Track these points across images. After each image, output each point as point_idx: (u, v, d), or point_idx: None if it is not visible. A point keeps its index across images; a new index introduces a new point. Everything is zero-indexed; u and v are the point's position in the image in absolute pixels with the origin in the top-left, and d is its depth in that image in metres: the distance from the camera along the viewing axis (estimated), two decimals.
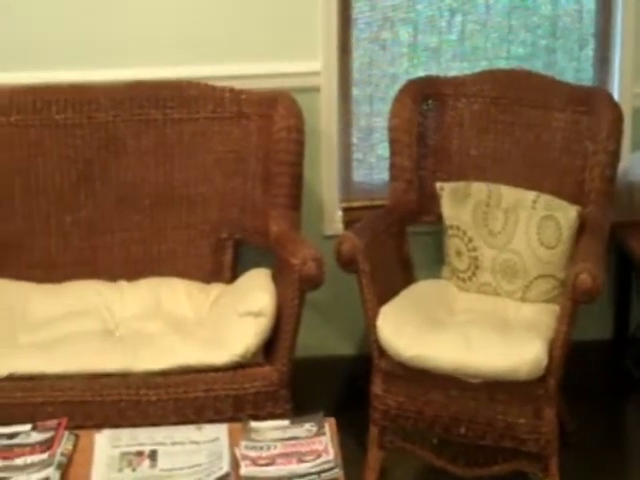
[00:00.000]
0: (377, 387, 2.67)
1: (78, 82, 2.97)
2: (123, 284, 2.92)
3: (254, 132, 2.94)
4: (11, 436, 2.18)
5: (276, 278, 2.74)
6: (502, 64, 3.23)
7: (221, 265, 2.96)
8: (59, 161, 2.94)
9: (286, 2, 3.08)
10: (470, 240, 2.92)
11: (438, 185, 3.00)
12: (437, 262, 3.04)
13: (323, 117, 3.13)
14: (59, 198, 2.95)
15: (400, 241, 2.97)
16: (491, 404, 2.57)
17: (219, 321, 2.69)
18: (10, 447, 2.13)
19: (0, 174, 2.93)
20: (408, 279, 2.95)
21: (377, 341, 2.65)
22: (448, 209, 2.97)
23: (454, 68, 3.22)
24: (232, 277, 2.95)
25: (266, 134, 2.91)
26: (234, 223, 2.96)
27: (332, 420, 2.23)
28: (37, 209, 2.94)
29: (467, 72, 3.13)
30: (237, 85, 2.97)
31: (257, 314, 2.59)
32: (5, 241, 2.94)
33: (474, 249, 2.91)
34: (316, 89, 3.12)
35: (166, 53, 3.06)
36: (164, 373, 2.54)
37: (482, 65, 3.19)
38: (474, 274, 2.92)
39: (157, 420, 2.46)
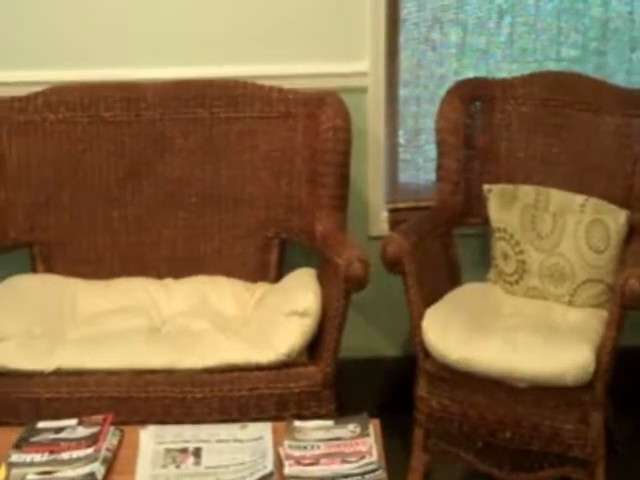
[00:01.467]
0: (422, 389, 2.65)
1: (126, 80, 2.98)
2: (169, 281, 2.94)
3: (301, 132, 2.94)
4: (58, 430, 2.19)
5: (321, 278, 2.74)
6: (552, 66, 3.19)
7: (267, 264, 2.96)
8: (107, 158, 2.96)
9: (335, 2, 3.06)
10: (517, 243, 2.89)
11: (485, 187, 2.98)
12: (483, 265, 3.02)
13: (370, 118, 3.12)
14: (106, 195, 2.97)
15: (446, 243, 2.95)
16: (537, 409, 2.55)
17: (264, 320, 2.69)
18: (56, 441, 2.15)
19: (49, 170, 2.95)
20: (454, 281, 2.93)
21: (422, 343, 2.64)
22: (495, 212, 2.95)
23: (503, 70, 3.19)
24: (277, 276, 2.95)
25: (313, 134, 2.90)
26: (280, 222, 2.96)
27: (376, 421, 2.22)
28: (85, 205, 2.97)
29: (516, 74, 3.10)
30: (284, 85, 2.96)
31: (302, 314, 2.59)
32: (53, 237, 2.96)
33: (521, 252, 2.89)
34: (363, 90, 3.10)
35: (214, 52, 3.06)
36: (209, 371, 2.54)
37: (531, 67, 3.16)
38: (521, 278, 2.89)
39: (201, 417, 2.47)
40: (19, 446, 2.13)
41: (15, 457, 2.08)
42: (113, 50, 3.04)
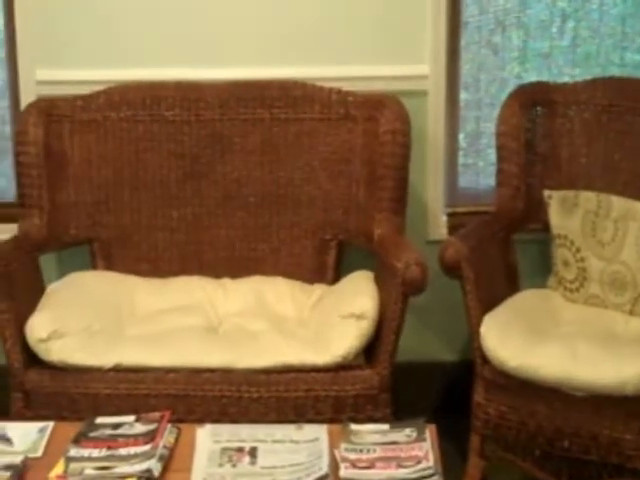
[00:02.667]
0: (479, 395, 2.62)
1: (187, 80, 3.00)
2: (227, 281, 2.95)
3: (360, 134, 2.93)
4: (115, 426, 2.21)
5: (379, 281, 2.73)
6: (615, 71, 3.15)
7: (324, 266, 2.96)
8: (167, 157, 2.98)
9: (396, 5, 3.06)
10: (578, 250, 2.86)
11: (546, 193, 2.95)
12: (543, 271, 2.99)
13: (430, 121, 3.10)
14: (166, 193, 2.99)
15: (505, 248, 2.91)
16: (596, 418, 2.50)
17: (321, 322, 2.69)
18: (114, 437, 2.16)
19: (110, 169, 2.98)
20: (513, 287, 2.89)
21: (480, 349, 2.61)
22: (556, 218, 2.91)
23: (565, 74, 3.16)
24: (335, 278, 2.94)
25: (372, 137, 2.90)
26: (338, 224, 2.96)
27: (433, 426, 2.20)
28: (144, 204, 2.99)
29: (579, 79, 3.07)
30: (344, 87, 2.96)
31: (359, 316, 2.58)
32: (113, 235, 2.99)
33: (582, 259, 2.85)
34: (423, 93, 3.09)
35: (274, 53, 3.07)
36: (266, 371, 2.55)
37: (594, 72, 3.12)
38: (582, 285, 2.85)
39: (257, 417, 2.47)
40: (78, 441, 2.14)
41: (73, 452, 2.10)
42: (175, 50, 3.07)
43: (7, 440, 2.20)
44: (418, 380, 3.06)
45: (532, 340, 2.58)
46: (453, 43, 3.12)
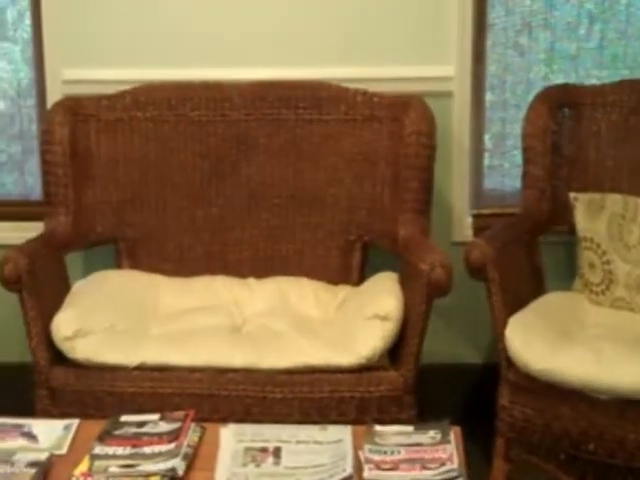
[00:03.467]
0: (504, 398, 2.61)
1: (213, 80, 3.01)
2: (251, 281, 2.95)
3: (385, 135, 2.93)
4: (140, 424, 2.21)
5: (403, 282, 2.72)
6: None
7: (349, 267, 2.96)
8: (192, 157, 2.99)
9: (421, 6, 3.05)
10: (604, 253, 2.84)
11: (572, 195, 2.93)
12: (568, 274, 2.97)
13: (455, 122, 3.09)
14: (191, 193, 3.00)
15: (531, 250, 2.90)
16: (621, 422, 2.48)
17: (345, 323, 2.68)
18: (139, 435, 2.16)
19: (135, 168, 3.00)
20: (538, 290, 2.87)
21: (505, 351, 2.60)
22: (582, 220, 2.89)
23: (593, 76, 3.13)
24: (359, 279, 2.94)
25: (397, 138, 2.89)
26: (362, 225, 2.95)
27: (457, 429, 2.19)
28: (170, 203, 3.00)
29: (606, 81, 3.05)
30: (369, 88, 2.95)
31: (384, 318, 2.57)
32: (139, 234, 3.00)
33: (608, 262, 2.83)
34: (449, 94, 3.08)
35: (300, 54, 3.08)
36: (290, 371, 2.54)
37: (622, 74, 3.10)
38: (607, 288, 2.83)
39: (281, 418, 2.46)
40: (102, 439, 2.15)
41: (98, 449, 2.11)
42: (201, 50, 3.07)
43: (32, 437, 2.21)
44: (442, 382, 3.05)
45: (557, 343, 2.56)
46: (479, 44, 3.11)
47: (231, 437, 2.19)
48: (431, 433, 2.17)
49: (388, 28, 3.06)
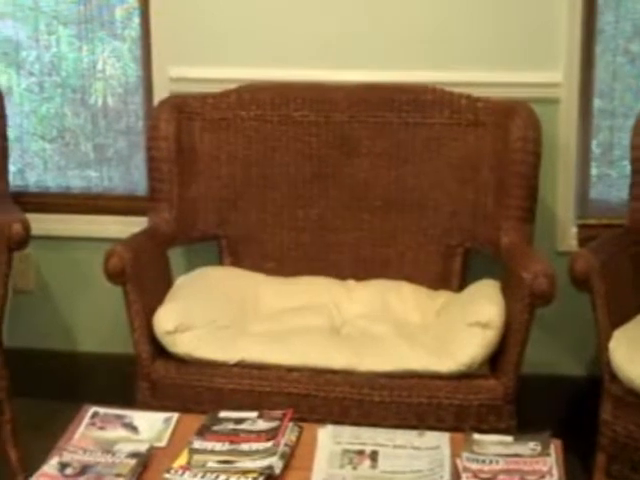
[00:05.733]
0: (606, 413, 2.54)
1: (317, 81, 3.01)
2: (351, 283, 2.94)
3: (489, 141, 2.88)
4: (238, 421, 2.22)
5: (505, 290, 2.68)
6: None
7: (449, 272, 2.93)
8: (294, 157, 3.00)
9: (529, 11, 3.00)
10: None
11: None
12: None
13: (561, 130, 3.03)
14: (293, 193, 3.00)
15: (637, 263, 2.82)
16: None
17: (445, 329, 2.66)
18: (237, 432, 2.17)
19: (238, 167, 3.02)
20: None
21: (609, 365, 2.53)
22: None
23: None
24: (460, 285, 2.91)
25: (501, 144, 2.85)
26: (465, 231, 2.92)
27: (558, 442, 2.14)
28: (272, 203, 3.01)
29: None
30: (473, 92, 2.92)
31: (485, 325, 2.53)
32: (240, 232, 3.02)
33: None
34: (555, 101, 3.02)
35: (405, 57, 3.06)
36: (388, 375, 2.53)
37: None
38: None
39: (378, 421, 2.45)
40: (201, 433, 2.16)
41: (197, 444, 2.12)
42: (306, 51, 3.08)
43: (133, 428, 2.25)
44: (542, 393, 3.00)
45: None
46: (588, 50, 3.05)
47: (328, 438, 2.19)
48: (531, 445, 2.13)
49: (495, 33, 3.02)
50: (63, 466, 2.07)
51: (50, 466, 2.07)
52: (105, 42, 3.29)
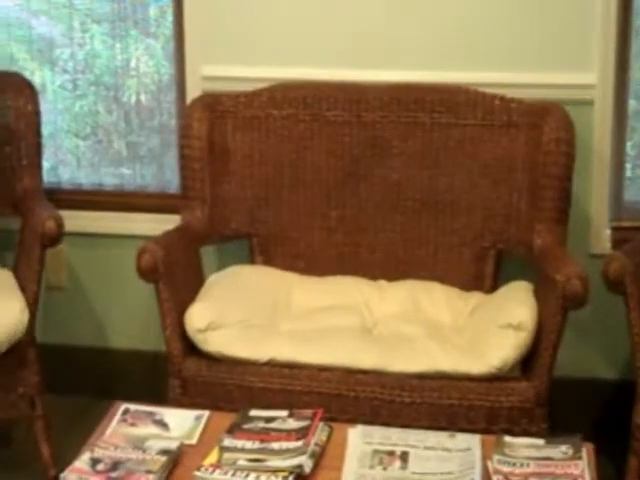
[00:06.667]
0: (639, 417, 2.53)
1: (349, 81, 3.00)
2: (383, 283, 2.93)
3: (522, 142, 2.87)
4: (269, 420, 2.23)
5: (538, 292, 2.66)
6: None
7: (482, 274, 2.91)
8: (326, 157, 2.99)
9: (562, 11, 2.97)
10: None
11: None
12: None
13: (595, 132, 3.01)
14: (325, 193, 3.00)
15: None
16: None
17: (477, 330, 2.64)
18: (267, 430, 2.18)
19: (270, 166, 3.02)
20: None
21: None
22: None
23: None
24: (492, 287, 2.89)
25: (535, 145, 2.83)
26: (497, 232, 2.90)
27: (590, 445, 2.13)
28: (303, 202, 3.01)
29: None
30: (506, 93, 2.90)
31: (517, 327, 2.52)
32: (272, 231, 3.03)
33: None
34: (589, 102, 3.00)
35: (437, 57, 3.04)
36: (419, 376, 2.52)
37: None
38: None
39: (409, 422, 2.44)
40: (232, 431, 2.18)
41: (227, 442, 2.13)
42: (338, 50, 3.08)
43: (164, 425, 2.26)
44: (575, 396, 2.98)
45: None
46: (623, 51, 3.02)
47: (359, 438, 2.19)
48: (563, 448, 2.12)
49: (528, 33, 3.00)
50: (94, 462, 2.09)
51: (81, 461, 2.09)
52: (138, 40, 3.30)
